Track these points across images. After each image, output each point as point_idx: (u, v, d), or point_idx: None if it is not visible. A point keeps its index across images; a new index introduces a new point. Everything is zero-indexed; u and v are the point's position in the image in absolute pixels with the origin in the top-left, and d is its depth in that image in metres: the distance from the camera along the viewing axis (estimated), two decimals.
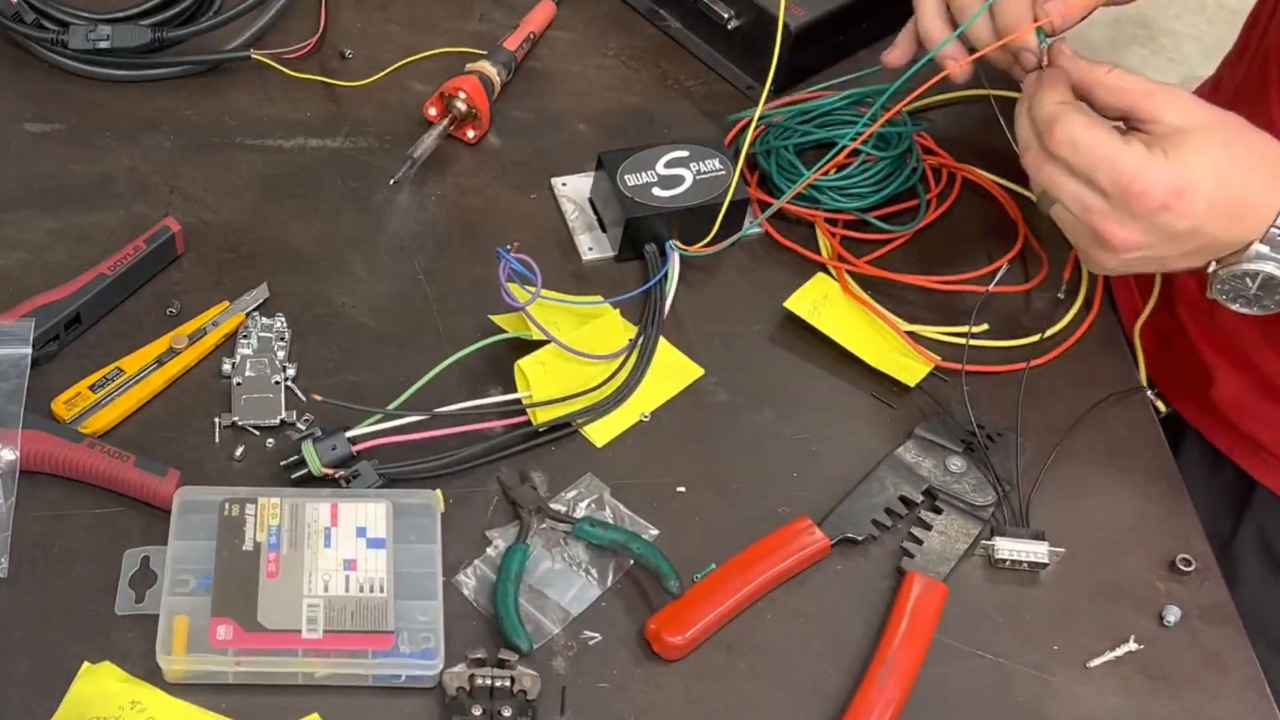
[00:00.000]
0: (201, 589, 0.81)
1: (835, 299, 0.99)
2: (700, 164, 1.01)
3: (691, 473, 0.92)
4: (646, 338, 0.96)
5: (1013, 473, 0.92)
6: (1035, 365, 0.98)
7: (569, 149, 1.08)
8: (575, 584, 0.86)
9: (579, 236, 1.03)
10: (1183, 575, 0.90)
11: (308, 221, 1.02)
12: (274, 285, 0.97)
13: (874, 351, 0.97)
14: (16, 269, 0.96)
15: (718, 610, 0.84)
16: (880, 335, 0.98)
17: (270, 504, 0.84)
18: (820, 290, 1.00)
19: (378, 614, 0.81)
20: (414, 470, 0.88)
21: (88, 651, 0.80)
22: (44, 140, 1.04)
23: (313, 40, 1.09)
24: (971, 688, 0.85)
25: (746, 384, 0.97)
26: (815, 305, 0.99)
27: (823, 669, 0.84)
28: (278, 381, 0.91)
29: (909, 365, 0.96)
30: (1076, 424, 0.96)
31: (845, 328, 0.98)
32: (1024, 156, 0.88)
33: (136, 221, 0.99)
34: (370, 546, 0.83)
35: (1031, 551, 0.88)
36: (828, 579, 0.88)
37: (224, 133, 1.06)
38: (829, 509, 0.90)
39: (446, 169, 1.06)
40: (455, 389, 0.92)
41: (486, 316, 0.95)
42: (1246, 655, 0.87)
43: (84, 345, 0.93)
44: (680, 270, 1.00)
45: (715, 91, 1.14)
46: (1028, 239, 1.05)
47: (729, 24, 1.12)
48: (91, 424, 0.88)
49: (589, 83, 1.14)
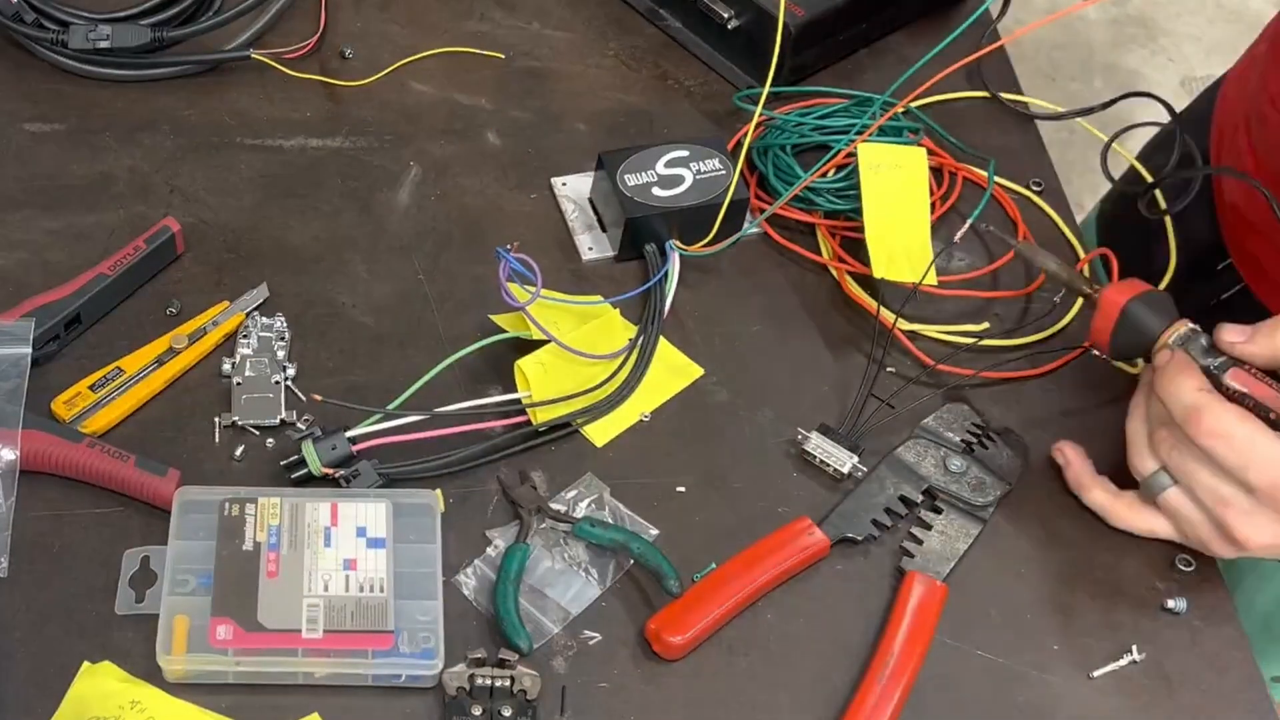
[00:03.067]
0: (201, 589, 0.81)
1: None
2: (700, 164, 1.01)
3: (691, 473, 0.92)
4: (646, 338, 0.96)
5: (1012, 473, 0.92)
6: (1036, 365, 0.99)
7: (569, 149, 1.08)
8: (575, 584, 0.86)
9: (579, 236, 1.03)
10: (1183, 575, 0.90)
11: (308, 221, 1.02)
12: (274, 285, 0.97)
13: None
14: (16, 269, 0.96)
15: (718, 610, 0.84)
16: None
17: (270, 504, 0.84)
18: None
19: (378, 614, 0.81)
20: (414, 470, 0.88)
21: (88, 651, 0.80)
22: (44, 140, 1.04)
23: (313, 40, 1.09)
24: (971, 688, 0.85)
25: (746, 384, 0.97)
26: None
27: (823, 669, 0.84)
28: (278, 381, 0.91)
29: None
30: (1077, 424, 0.96)
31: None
32: (1151, 438, 0.85)
33: (136, 221, 0.99)
34: (370, 546, 0.83)
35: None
36: (828, 579, 0.88)
37: (224, 133, 1.06)
38: (829, 509, 0.90)
39: (446, 169, 1.06)
40: (455, 389, 0.92)
41: (486, 316, 0.95)
42: (1246, 655, 0.87)
43: (84, 345, 0.93)
44: (680, 270, 1.00)
45: (715, 91, 1.14)
46: (1027, 239, 1.05)
47: (729, 24, 1.12)
48: (91, 424, 0.88)
49: (589, 83, 1.14)
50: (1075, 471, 0.91)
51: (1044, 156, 1.13)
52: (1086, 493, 0.91)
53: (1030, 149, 1.13)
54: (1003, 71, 1.17)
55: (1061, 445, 0.92)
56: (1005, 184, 1.09)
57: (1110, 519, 0.90)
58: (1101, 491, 0.90)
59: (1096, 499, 0.90)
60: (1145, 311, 0.87)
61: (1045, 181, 1.10)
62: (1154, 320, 0.87)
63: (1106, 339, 0.88)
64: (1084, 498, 0.91)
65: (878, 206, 0.99)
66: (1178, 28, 2.84)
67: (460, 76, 1.12)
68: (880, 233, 0.99)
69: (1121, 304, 0.87)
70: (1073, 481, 0.91)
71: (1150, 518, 0.88)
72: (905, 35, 1.19)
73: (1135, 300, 0.87)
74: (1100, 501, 0.90)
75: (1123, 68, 2.70)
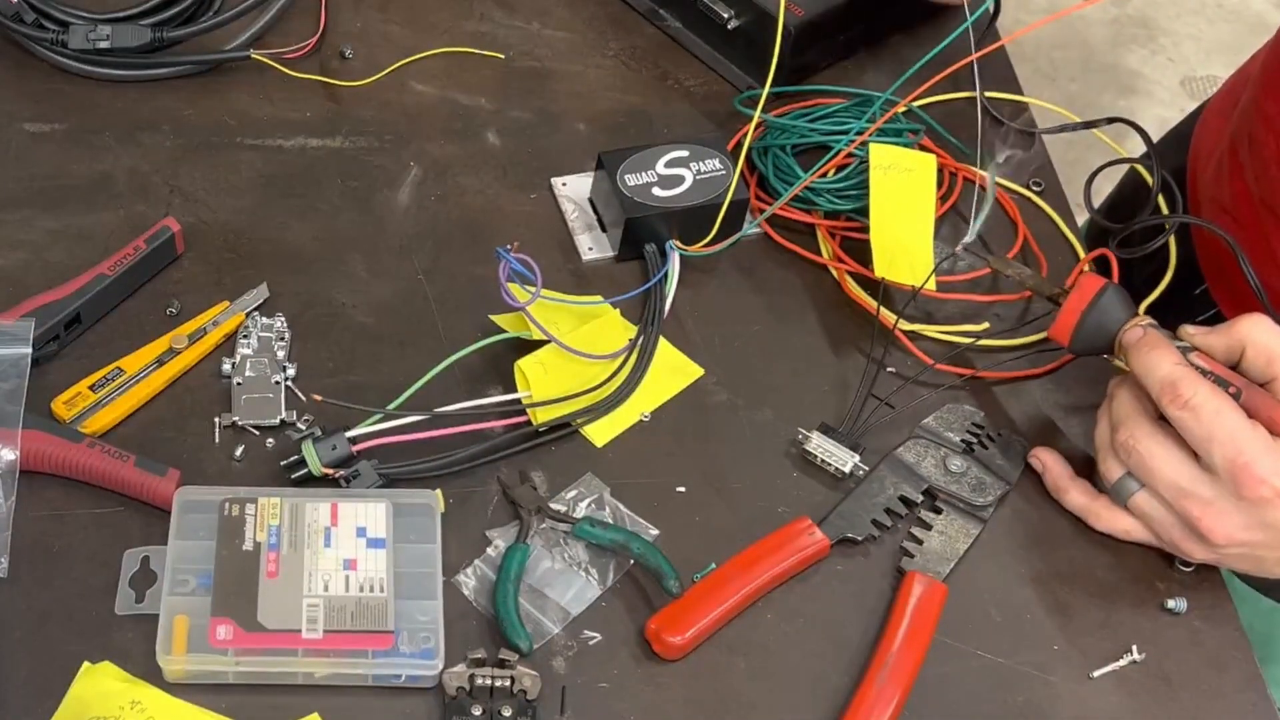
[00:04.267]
0: (201, 589, 0.81)
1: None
2: (700, 164, 1.01)
3: (691, 473, 0.92)
4: (646, 338, 0.96)
5: (1012, 473, 0.92)
6: (1036, 365, 0.99)
7: (569, 149, 1.09)
8: (575, 584, 0.86)
9: (579, 236, 1.03)
10: (1183, 575, 0.90)
11: (308, 221, 1.02)
12: (274, 285, 0.97)
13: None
14: (16, 269, 0.96)
15: (718, 610, 0.84)
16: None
17: (270, 504, 0.84)
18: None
19: (378, 614, 0.81)
20: (414, 470, 0.88)
21: (88, 651, 0.80)
22: (44, 140, 1.04)
23: (313, 40, 1.09)
24: (971, 688, 0.85)
25: (746, 384, 0.97)
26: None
27: (823, 669, 0.84)
28: (278, 381, 0.91)
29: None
30: (1077, 424, 0.96)
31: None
32: (1113, 441, 0.86)
33: (136, 221, 0.99)
34: (370, 546, 0.83)
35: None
36: (828, 579, 0.88)
37: (224, 133, 1.06)
38: (829, 509, 0.90)
39: (446, 169, 1.06)
40: (455, 389, 0.92)
41: (486, 316, 0.95)
42: (1246, 655, 0.87)
43: (84, 345, 0.93)
44: (680, 270, 1.00)
45: (715, 91, 1.14)
46: (1027, 239, 1.06)
47: (729, 24, 1.12)
48: (91, 424, 0.88)
49: (589, 83, 1.14)
50: (1053, 476, 0.92)
51: (1044, 156, 1.13)
52: (1065, 495, 0.91)
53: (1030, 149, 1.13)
54: (1003, 72, 1.17)
55: (1037, 451, 0.93)
56: (1005, 184, 1.09)
57: (1090, 521, 0.90)
58: (1079, 494, 0.90)
59: (1075, 501, 0.90)
60: (1117, 298, 0.89)
61: (1045, 181, 1.10)
62: (1122, 309, 0.88)
63: (1071, 326, 0.89)
64: (1063, 501, 0.91)
65: (884, 207, 0.99)
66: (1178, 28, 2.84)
67: (460, 76, 1.13)
68: (884, 233, 0.99)
69: (1098, 287, 0.88)
70: (1051, 486, 0.92)
71: (1126, 519, 0.88)
72: (905, 35, 1.19)
73: (1110, 286, 0.89)
74: (1079, 504, 0.90)
75: (1123, 67, 2.70)
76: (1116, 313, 0.89)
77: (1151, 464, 0.84)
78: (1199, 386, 0.82)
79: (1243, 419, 0.81)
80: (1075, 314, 0.89)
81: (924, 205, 1.01)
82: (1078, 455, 0.94)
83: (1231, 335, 0.84)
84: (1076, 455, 0.94)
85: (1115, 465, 0.87)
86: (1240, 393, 0.83)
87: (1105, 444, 0.88)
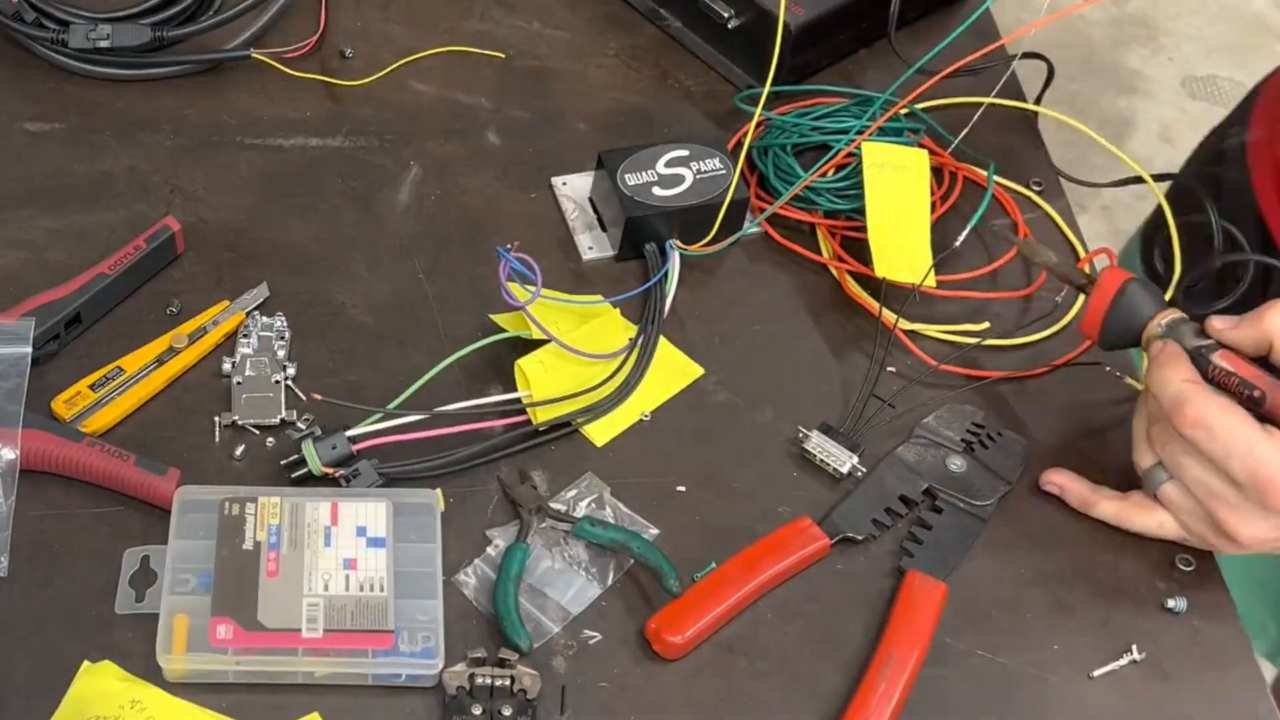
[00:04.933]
0: (201, 588, 0.81)
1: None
2: (700, 163, 1.01)
3: (691, 473, 0.92)
4: (646, 337, 0.96)
5: (1013, 473, 0.92)
6: (1036, 365, 0.99)
7: (569, 149, 1.08)
8: (575, 583, 0.86)
9: (579, 236, 1.03)
10: (1183, 575, 0.90)
11: (308, 221, 1.02)
12: (274, 285, 0.97)
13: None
14: (16, 268, 0.96)
15: (718, 610, 0.84)
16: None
17: (270, 503, 0.84)
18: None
19: (378, 613, 0.81)
20: (414, 470, 0.88)
21: (88, 651, 0.80)
22: (44, 140, 1.04)
23: (313, 40, 1.09)
24: (971, 688, 0.85)
25: (746, 384, 0.97)
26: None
27: (823, 669, 0.84)
28: (278, 381, 0.91)
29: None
30: (1076, 424, 0.96)
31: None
32: (1149, 432, 0.86)
33: (136, 221, 0.99)
34: (370, 546, 0.83)
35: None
36: (828, 578, 0.88)
37: (224, 132, 1.06)
38: (829, 508, 0.90)
39: (446, 169, 1.06)
40: (455, 388, 0.92)
41: (486, 316, 0.95)
42: (1246, 655, 0.87)
43: (84, 344, 0.93)
44: (680, 270, 1.00)
45: (715, 91, 1.14)
46: (1028, 237, 1.05)
47: (729, 23, 1.11)
48: (91, 423, 0.88)
49: (589, 82, 1.14)
50: (1075, 493, 0.91)
51: (1044, 156, 1.13)
52: (1094, 508, 0.90)
53: (1030, 149, 1.13)
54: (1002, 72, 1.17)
55: (1049, 475, 0.92)
56: (1005, 184, 1.09)
57: (1123, 524, 0.90)
58: (1108, 502, 0.90)
59: (1105, 510, 0.90)
60: (1141, 292, 0.88)
61: (1045, 181, 1.10)
62: (1147, 303, 0.88)
63: (1099, 321, 0.89)
64: (1093, 513, 0.91)
65: (880, 205, 0.99)
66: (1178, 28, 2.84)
67: (460, 76, 1.13)
68: (882, 232, 0.99)
69: (1120, 282, 0.88)
70: (1077, 503, 0.91)
71: (1159, 514, 0.88)
72: (905, 35, 1.19)
73: (1133, 281, 0.88)
74: (1110, 512, 0.90)
75: (1123, 67, 2.70)
76: (1141, 308, 0.88)
77: (1181, 460, 0.84)
78: (1208, 405, 0.81)
79: (1257, 431, 0.80)
80: (1099, 312, 0.89)
81: (919, 202, 1.01)
82: (1078, 454, 0.94)
83: (1259, 327, 0.83)
84: (1077, 455, 0.94)
85: (1148, 454, 0.87)
86: (1265, 396, 0.81)
87: (1141, 433, 0.87)
